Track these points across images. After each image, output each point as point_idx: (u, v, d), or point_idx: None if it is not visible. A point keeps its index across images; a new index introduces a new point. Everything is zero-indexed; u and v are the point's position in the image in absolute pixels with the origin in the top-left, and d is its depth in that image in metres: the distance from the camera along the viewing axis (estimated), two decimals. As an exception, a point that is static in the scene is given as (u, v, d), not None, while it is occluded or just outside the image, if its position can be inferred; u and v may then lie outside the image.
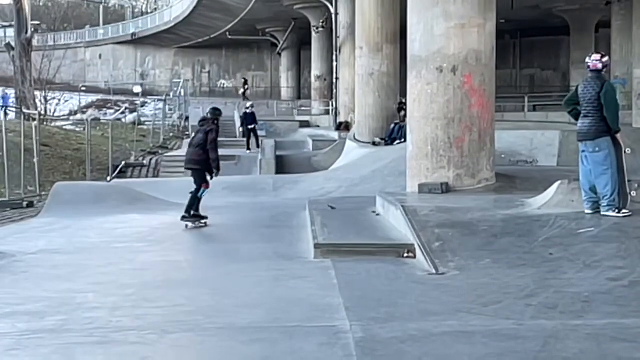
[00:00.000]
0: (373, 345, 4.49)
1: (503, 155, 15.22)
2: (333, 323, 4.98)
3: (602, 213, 8.15)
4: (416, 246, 7.60)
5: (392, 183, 13.79)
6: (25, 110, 31.43)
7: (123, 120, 43.44)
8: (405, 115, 17.36)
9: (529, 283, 5.98)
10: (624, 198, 8.24)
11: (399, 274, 6.81)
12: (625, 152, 8.36)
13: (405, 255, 7.67)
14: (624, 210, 8.12)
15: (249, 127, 29.65)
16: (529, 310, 5.20)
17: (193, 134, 12.28)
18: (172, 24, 54.54)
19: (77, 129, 35.44)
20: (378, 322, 4.95)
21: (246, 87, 51.77)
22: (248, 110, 29.82)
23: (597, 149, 8.23)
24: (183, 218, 10.76)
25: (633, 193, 8.39)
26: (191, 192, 10.89)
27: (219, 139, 11.32)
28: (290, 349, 4.49)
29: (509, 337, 4.57)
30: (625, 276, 6.07)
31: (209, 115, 11.28)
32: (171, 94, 48.23)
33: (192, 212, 10.81)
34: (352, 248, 8.00)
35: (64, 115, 45.35)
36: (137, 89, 53.72)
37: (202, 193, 10.92)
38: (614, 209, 8.09)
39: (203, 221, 10.87)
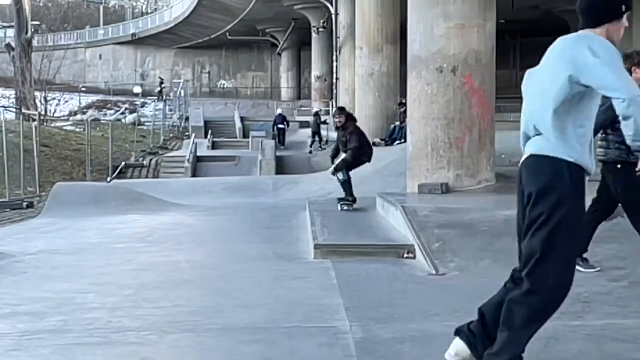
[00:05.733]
0: (373, 346, 4.48)
1: (503, 156, 15.21)
2: (333, 324, 4.98)
3: None
4: (416, 247, 7.60)
5: (393, 183, 13.78)
6: (25, 111, 31.48)
7: (123, 120, 43.47)
8: (405, 114, 17.39)
9: (529, 284, 5.97)
10: None
11: (399, 275, 6.81)
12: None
13: (405, 255, 7.67)
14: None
15: (279, 126, 32.89)
16: (529, 310, 5.19)
17: None
18: (172, 25, 54.57)
19: (77, 130, 35.46)
20: (378, 323, 4.95)
21: (162, 86, 53.01)
22: (279, 112, 34.56)
23: None
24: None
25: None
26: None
27: (221, 139, 11.66)
28: (290, 349, 4.49)
29: (509, 338, 4.56)
30: (625, 277, 6.07)
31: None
32: (171, 95, 48.29)
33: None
34: (352, 249, 8.00)
35: (64, 116, 45.35)
36: (137, 90, 53.76)
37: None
38: None
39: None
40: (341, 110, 11.88)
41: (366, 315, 5.16)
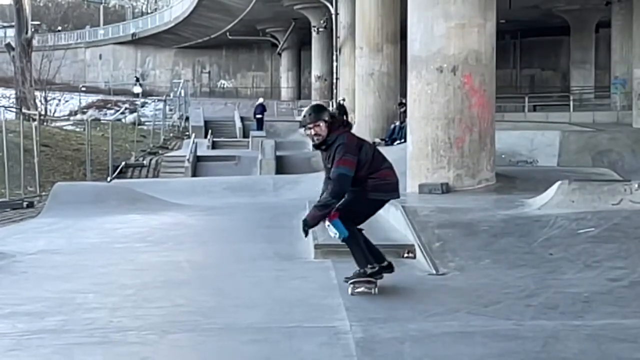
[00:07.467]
0: (373, 345, 4.48)
1: (503, 156, 15.23)
2: (333, 323, 4.98)
3: None
4: (416, 246, 7.60)
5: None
6: (25, 111, 31.47)
7: (123, 120, 43.46)
8: (405, 113, 17.37)
9: (529, 283, 5.98)
10: None
11: (398, 275, 6.80)
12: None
13: (405, 255, 7.66)
14: None
15: (257, 116, 34.79)
16: (529, 310, 5.20)
17: None
18: (172, 24, 54.57)
19: (77, 129, 35.44)
20: (378, 323, 4.95)
21: (139, 83, 55.14)
22: (259, 102, 37.10)
23: None
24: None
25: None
26: None
27: (221, 139, 11.24)
28: (290, 349, 4.49)
29: (509, 338, 4.57)
30: (625, 276, 6.07)
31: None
32: (171, 95, 48.27)
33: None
34: (352, 248, 7.98)
35: (64, 116, 45.33)
36: (137, 89, 53.78)
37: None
38: None
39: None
40: (317, 111, 5.87)
41: (366, 315, 5.16)
